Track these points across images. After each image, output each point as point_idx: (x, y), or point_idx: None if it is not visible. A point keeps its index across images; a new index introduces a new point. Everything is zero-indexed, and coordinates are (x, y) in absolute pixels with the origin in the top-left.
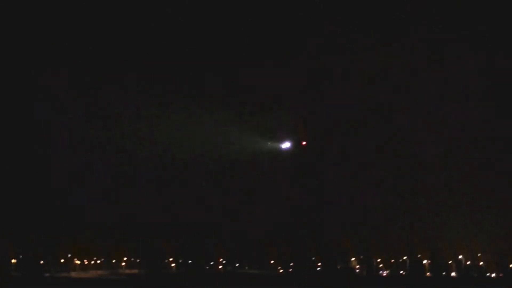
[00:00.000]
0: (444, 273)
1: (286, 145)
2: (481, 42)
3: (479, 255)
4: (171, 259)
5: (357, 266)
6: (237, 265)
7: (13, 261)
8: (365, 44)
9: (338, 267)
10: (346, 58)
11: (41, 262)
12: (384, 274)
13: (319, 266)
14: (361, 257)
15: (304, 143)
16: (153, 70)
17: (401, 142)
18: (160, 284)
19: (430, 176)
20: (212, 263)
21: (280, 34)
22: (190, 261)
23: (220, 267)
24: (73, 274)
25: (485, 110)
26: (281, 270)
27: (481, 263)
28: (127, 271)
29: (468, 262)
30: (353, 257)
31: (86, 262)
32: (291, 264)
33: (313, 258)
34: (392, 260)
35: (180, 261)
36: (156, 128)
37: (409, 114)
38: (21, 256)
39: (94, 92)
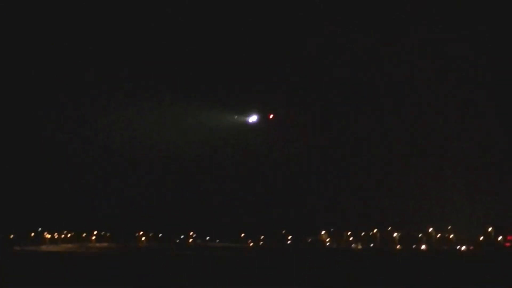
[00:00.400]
0: (414, 246)
1: (253, 118)
2: (481, 42)
3: (449, 227)
4: (141, 233)
5: (327, 239)
6: (207, 238)
7: None
8: (365, 44)
9: (309, 240)
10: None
11: (11, 236)
12: (359, 248)
13: (289, 239)
14: (331, 230)
15: (271, 116)
16: (121, 56)
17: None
18: (159, 284)
19: (401, 151)
20: (182, 236)
21: (280, 34)
22: (160, 235)
23: (190, 240)
24: (43, 247)
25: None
26: (251, 244)
27: (451, 235)
28: (97, 244)
29: (438, 235)
30: (324, 230)
31: (56, 236)
32: (262, 237)
33: (283, 231)
34: (363, 233)
35: (151, 234)
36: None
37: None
38: None
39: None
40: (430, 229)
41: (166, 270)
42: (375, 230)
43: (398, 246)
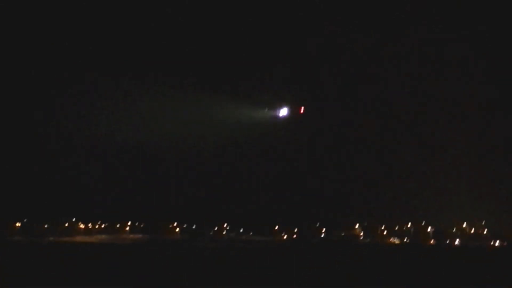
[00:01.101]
0: (447, 241)
1: (283, 111)
2: (481, 42)
3: (483, 223)
4: (175, 224)
5: (361, 234)
6: (241, 231)
7: (17, 224)
8: (365, 44)
9: (342, 234)
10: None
11: (45, 226)
12: (397, 242)
13: (322, 233)
14: (365, 224)
15: (302, 109)
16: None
17: (402, 115)
18: (160, 284)
19: (434, 143)
20: (216, 228)
21: (280, 34)
22: (194, 227)
23: (224, 233)
24: (77, 238)
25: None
26: (285, 237)
27: (485, 231)
28: (131, 236)
29: (472, 230)
30: (357, 224)
31: (91, 227)
32: (296, 230)
33: (317, 225)
34: (396, 227)
35: (185, 226)
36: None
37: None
38: (25, 220)
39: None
40: (464, 225)
41: (166, 270)
42: (409, 225)
43: (432, 241)
